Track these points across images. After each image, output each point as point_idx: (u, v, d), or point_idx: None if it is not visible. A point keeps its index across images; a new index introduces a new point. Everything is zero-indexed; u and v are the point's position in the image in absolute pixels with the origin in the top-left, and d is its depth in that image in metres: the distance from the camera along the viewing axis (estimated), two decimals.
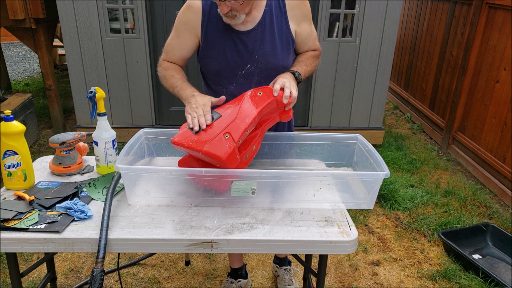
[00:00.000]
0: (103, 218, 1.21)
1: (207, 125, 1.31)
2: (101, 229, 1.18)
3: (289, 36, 1.57)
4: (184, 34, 1.57)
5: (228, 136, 1.26)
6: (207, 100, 1.41)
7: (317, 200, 1.40)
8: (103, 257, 1.15)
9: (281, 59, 1.57)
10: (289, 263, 2.23)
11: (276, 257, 2.26)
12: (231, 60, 1.54)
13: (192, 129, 1.31)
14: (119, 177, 1.35)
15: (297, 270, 2.29)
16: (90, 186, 1.45)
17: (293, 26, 1.56)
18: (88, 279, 2.12)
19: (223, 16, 1.45)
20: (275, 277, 2.26)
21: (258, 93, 1.39)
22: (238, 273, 2.12)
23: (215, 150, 1.23)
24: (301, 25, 1.58)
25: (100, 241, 1.16)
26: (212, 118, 1.33)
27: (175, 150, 1.54)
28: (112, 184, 1.31)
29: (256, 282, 2.26)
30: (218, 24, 1.51)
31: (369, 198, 1.36)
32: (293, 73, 1.52)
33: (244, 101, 1.36)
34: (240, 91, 1.46)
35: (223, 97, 1.45)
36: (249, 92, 1.41)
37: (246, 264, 2.19)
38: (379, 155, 1.40)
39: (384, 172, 1.26)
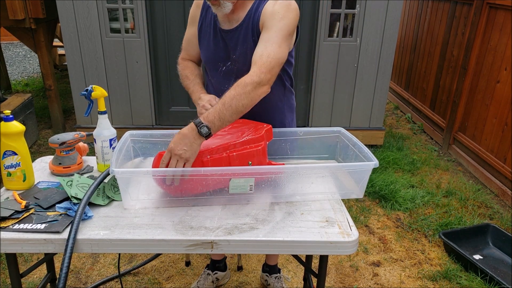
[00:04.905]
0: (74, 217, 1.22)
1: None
2: (70, 229, 1.19)
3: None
4: (191, 27, 1.71)
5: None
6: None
7: (314, 192, 1.42)
8: (70, 257, 1.16)
9: None
10: (279, 270, 2.17)
11: (265, 265, 2.18)
12: (214, 55, 1.62)
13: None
14: (104, 176, 1.36)
15: (287, 277, 2.26)
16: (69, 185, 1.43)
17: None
18: (102, 280, 2.13)
19: (211, 5, 1.49)
20: (265, 286, 2.20)
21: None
22: (216, 265, 2.11)
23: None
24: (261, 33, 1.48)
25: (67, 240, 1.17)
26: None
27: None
28: (94, 184, 1.32)
29: (257, 283, 2.25)
30: (211, 20, 1.60)
31: (359, 188, 1.43)
32: (197, 126, 1.28)
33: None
34: (221, 86, 1.58)
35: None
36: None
37: (226, 258, 2.16)
38: (364, 146, 1.45)
39: (373, 162, 1.35)
